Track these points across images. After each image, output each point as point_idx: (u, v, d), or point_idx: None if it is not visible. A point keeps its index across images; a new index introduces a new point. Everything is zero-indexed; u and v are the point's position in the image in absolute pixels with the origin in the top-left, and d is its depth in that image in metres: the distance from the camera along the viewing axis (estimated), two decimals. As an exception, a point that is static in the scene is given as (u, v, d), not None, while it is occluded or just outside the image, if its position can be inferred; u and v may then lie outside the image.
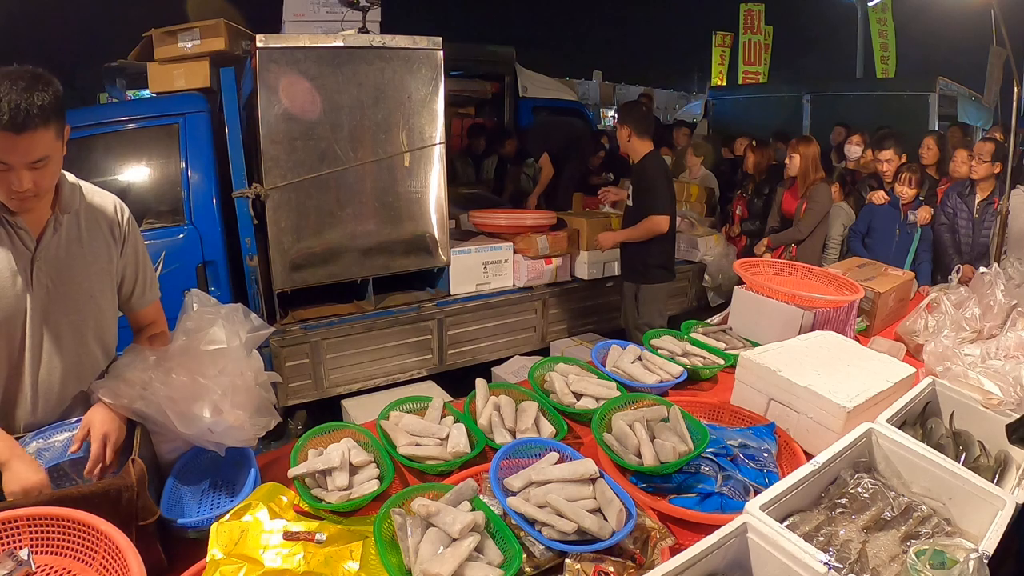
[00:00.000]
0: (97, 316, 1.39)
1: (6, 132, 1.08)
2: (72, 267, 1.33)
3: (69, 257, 1.33)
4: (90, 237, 1.36)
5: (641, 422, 1.48)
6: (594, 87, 19.29)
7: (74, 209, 1.33)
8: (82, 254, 1.35)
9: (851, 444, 1.37)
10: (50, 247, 1.30)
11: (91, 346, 1.39)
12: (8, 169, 1.13)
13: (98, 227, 1.38)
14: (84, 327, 1.37)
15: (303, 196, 3.18)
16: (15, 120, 1.08)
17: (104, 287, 1.39)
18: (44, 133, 1.13)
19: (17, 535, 0.99)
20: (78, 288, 1.34)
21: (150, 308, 1.53)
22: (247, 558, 1.02)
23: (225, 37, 3.22)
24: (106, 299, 1.40)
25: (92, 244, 1.36)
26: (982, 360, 1.82)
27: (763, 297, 2.22)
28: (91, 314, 1.38)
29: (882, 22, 10.57)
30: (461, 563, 1.03)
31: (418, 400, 1.70)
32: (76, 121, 3.39)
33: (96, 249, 1.37)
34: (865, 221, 3.89)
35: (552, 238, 3.98)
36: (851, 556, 1.11)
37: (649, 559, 1.13)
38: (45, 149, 1.15)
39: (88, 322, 1.37)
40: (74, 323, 1.35)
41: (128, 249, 1.44)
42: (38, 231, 1.29)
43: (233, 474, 1.37)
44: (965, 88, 7.54)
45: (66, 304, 1.33)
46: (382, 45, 3.20)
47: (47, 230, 1.29)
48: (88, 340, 1.38)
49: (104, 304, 1.40)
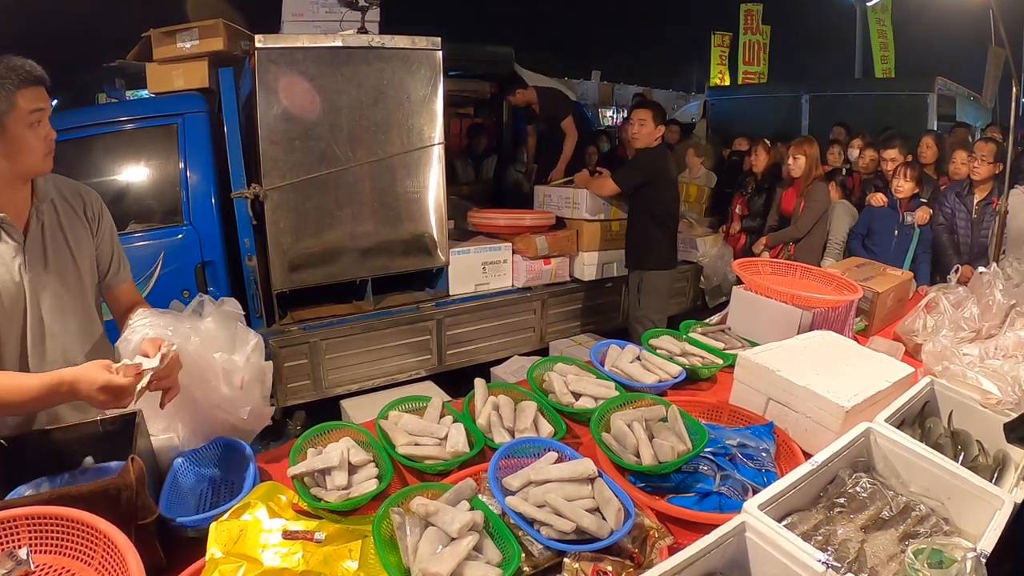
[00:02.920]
0: (87, 295, 1.49)
1: (35, 86, 1.28)
2: (59, 252, 1.42)
3: (55, 242, 1.42)
4: (68, 222, 1.46)
5: (640, 422, 1.48)
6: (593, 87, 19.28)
7: (49, 198, 1.42)
8: (65, 238, 1.44)
9: (850, 444, 1.37)
10: (36, 236, 1.38)
11: (88, 324, 1.49)
12: (41, 120, 1.30)
13: (73, 212, 1.48)
14: (79, 307, 1.46)
15: (302, 196, 3.18)
16: (38, 75, 1.29)
17: (89, 268, 1.50)
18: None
19: (16, 534, 0.99)
20: (68, 271, 1.44)
21: (126, 286, 1.61)
22: (246, 557, 1.01)
23: (224, 37, 3.22)
24: (91, 279, 1.51)
25: (72, 228, 1.46)
26: (981, 360, 1.82)
27: (762, 297, 2.22)
28: (82, 294, 1.48)
29: (881, 22, 10.57)
30: (460, 562, 1.03)
31: (417, 400, 1.70)
32: (75, 121, 3.42)
33: (76, 232, 1.47)
34: (865, 223, 3.90)
35: (551, 238, 3.98)
36: (849, 555, 1.11)
37: (647, 558, 1.13)
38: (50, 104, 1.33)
39: (80, 303, 1.47)
40: (70, 304, 1.44)
41: (103, 229, 1.54)
42: (22, 224, 1.37)
43: (232, 473, 1.37)
44: (964, 88, 7.55)
45: (59, 287, 1.41)
46: (381, 45, 3.20)
47: (31, 221, 1.38)
48: (85, 319, 1.48)
49: (90, 284, 1.50)
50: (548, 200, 4.32)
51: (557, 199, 4.25)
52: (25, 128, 1.28)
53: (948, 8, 5.25)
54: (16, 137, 1.28)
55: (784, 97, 7.89)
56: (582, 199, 4.05)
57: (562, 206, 4.20)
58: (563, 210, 4.19)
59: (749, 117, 7.79)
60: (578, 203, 4.08)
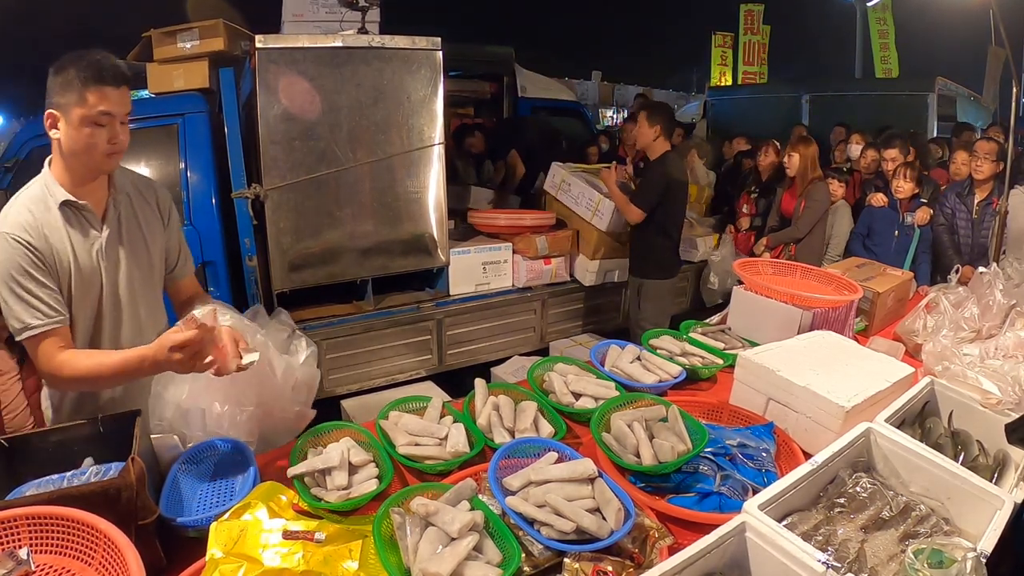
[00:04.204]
0: (156, 284, 1.59)
1: (109, 87, 1.31)
2: (134, 240, 1.51)
3: (130, 232, 1.50)
4: (143, 213, 1.54)
5: (640, 422, 1.48)
6: (593, 87, 19.31)
7: (125, 191, 1.50)
8: (140, 228, 1.52)
9: (850, 444, 1.38)
10: (113, 225, 1.46)
11: (155, 310, 1.59)
12: (108, 123, 1.33)
13: (147, 203, 1.56)
14: (149, 294, 1.56)
15: (302, 196, 3.18)
16: (115, 75, 1.32)
17: (159, 257, 1.59)
18: (128, 91, 1.37)
19: (16, 534, 0.99)
20: (142, 259, 1.52)
21: (190, 278, 1.70)
22: (246, 557, 1.01)
23: (224, 37, 3.21)
24: (160, 268, 1.60)
25: (146, 219, 1.54)
26: (981, 360, 1.82)
27: (762, 297, 2.22)
28: (152, 282, 1.57)
29: (881, 22, 10.58)
30: (460, 562, 1.03)
31: (417, 400, 1.70)
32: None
33: (150, 223, 1.55)
34: (865, 223, 3.90)
35: (551, 239, 3.98)
36: (849, 555, 1.11)
37: (648, 558, 1.13)
38: (130, 104, 1.38)
39: (150, 290, 1.57)
40: (141, 291, 1.53)
41: (173, 222, 1.62)
42: (100, 212, 1.45)
43: (232, 473, 1.37)
44: (964, 88, 7.55)
45: (133, 274, 1.50)
46: (381, 45, 3.20)
47: (108, 211, 1.46)
48: (153, 305, 1.58)
49: (159, 273, 1.60)
50: (565, 186, 3.98)
51: (578, 193, 3.94)
52: (89, 125, 1.31)
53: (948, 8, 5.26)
54: (79, 132, 1.32)
55: (784, 97, 7.89)
56: (607, 211, 3.79)
57: (580, 203, 3.93)
58: (579, 207, 3.93)
59: (749, 117, 7.79)
60: (601, 212, 3.84)
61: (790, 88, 8.03)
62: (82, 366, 1.33)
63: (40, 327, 1.32)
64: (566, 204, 4.07)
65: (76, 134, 1.33)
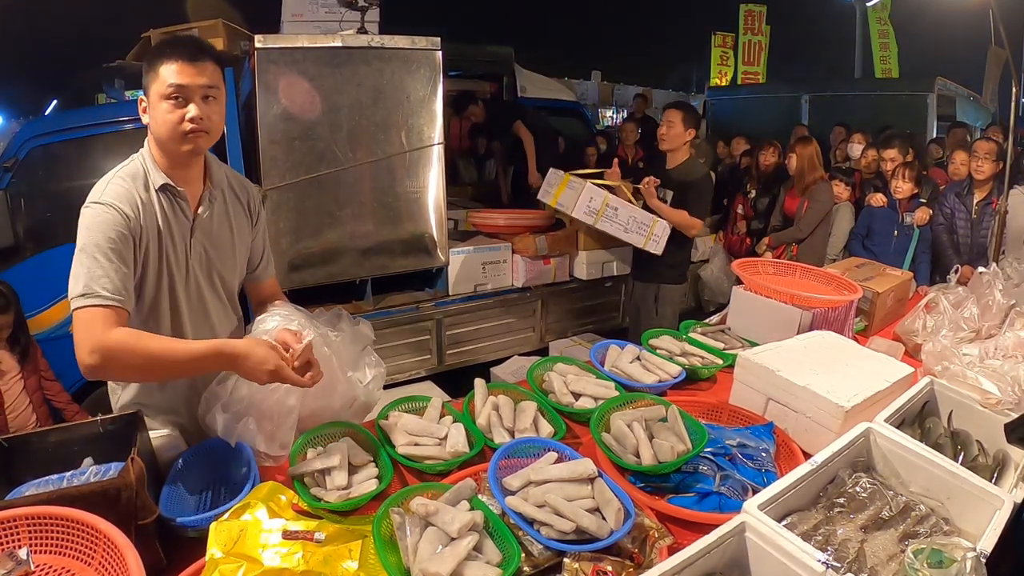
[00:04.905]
0: (236, 281, 1.60)
1: (183, 62, 1.30)
2: (222, 236, 1.51)
3: (220, 227, 1.51)
4: (234, 211, 1.55)
5: (639, 422, 1.48)
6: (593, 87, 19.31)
7: (221, 187, 1.51)
8: (229, 225, 1.53)
9: (849, 444, 1.38)
10: (204, 217, 1.46)
11: (232, 307, 1.61)
12: (184, 97, 1.31)
13: (239, 203, 1.57)
14: (225, 292, 1.57)
15: (302, 196, 3.18)
16: (190, 50, 1.31)
17: (243, 256, 1.60)
18: (214, 67, 1.34)
19: (16, 534, 0.99)
20: (227, 255, 1.53)
21: (271, 281, 1.72)
22: (246, 557, 1.01)
23: (223, 37, 3.22)
24: (242, 267, 1.61)
25: (236, 217, 1.55)
26: (980, 360, 1.82)
27: (762, 297, 2.22)
28: (234, 279, 1.58)
29: (881, 22, 10.59)
30: (460, 562, 1.03)
31: (417, 400, 1.70)
32: (75, 122, 3.42)
33: (239, 222, 1.56)
34: (864, 223, 3.91)
35: (551, 238, 3.98)
36: (849, 555, 1.11)
37: (647, 558, 1.13)
38: (214, 79, 1.34)
39: (226, 288, 1.57)
40: (221, 287, 1.54)
41: (260, 224, 1.64)
42: (194, 203, 1.45)
43: (232, 473, 1.37)
44: (964, 88, 7.55)
45: (217, 268, 1.51)
46: (381, 45, 3.20)
47: (202, 203, 1.46)
48: (230, 302, 1.59)
49: (240, 271, 1.61)
50: (612, 214, 3.31)
51: (627, 217, 3.30)
52: (162, 99, 1.31)
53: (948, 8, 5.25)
54: (156, 110, 1.33)
55: (784, 97, 7.89)
56: (662, 233, 3.31)
57: (631, 228, 3.32)
58: (630, 234, 3.32)
59: (749, 117, 7.79)
60: (657, 236, 3.31)
61: (790, 88, 8.03)
62: (153, 347, 1.26)
63: (107, 297, 1.26)
64: (609, 232, 3.37)
65: (155, 112, 1.33)
